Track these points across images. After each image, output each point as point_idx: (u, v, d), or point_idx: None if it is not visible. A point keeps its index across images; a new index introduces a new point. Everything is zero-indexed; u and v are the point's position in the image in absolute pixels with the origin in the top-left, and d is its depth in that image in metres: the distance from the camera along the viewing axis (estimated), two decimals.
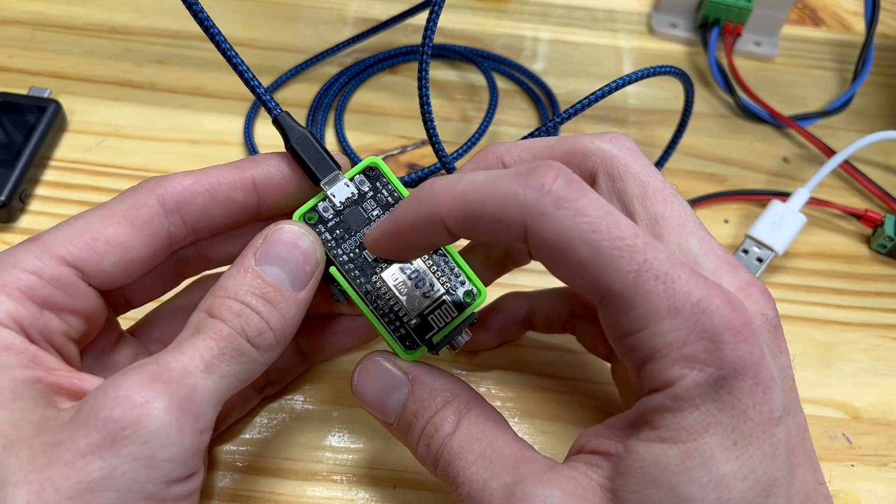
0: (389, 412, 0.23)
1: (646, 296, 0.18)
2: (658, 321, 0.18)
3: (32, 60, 0.42)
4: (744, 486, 0.17)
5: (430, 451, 0.22)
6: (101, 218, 0.21)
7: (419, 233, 0.20)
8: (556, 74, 0.45)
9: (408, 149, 0.40)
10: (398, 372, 0.22)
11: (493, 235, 0.19)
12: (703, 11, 0.47)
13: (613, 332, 0.19)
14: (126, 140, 0.39)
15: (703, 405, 0.17)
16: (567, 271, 0.18)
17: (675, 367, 0.18)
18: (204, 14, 0.25)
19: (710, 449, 0.17)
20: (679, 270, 0.18)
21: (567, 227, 0.18)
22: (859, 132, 0.43)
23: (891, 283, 0.37)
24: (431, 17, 0.28)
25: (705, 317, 0.17)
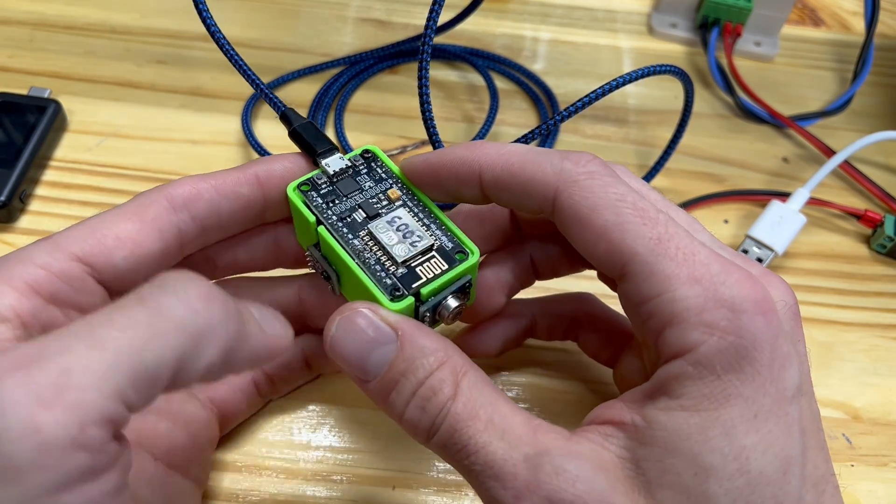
0: (370, 369, 0.20)
1: (667, 262, 0.18)
2: (678, 286, 0.18)
3: (32, 60, 0.42)
4: (764, 461, 0.18)
5: (426, 415, 0.20)
6: (111, 217, 0.21)
7: (453, 175, 0.22)
8: (556, 74, 0.45)
9: (408, 149, 0.40)
10: (385, 326, 0.20)
11: (522, 196, 0.21)
12: (702, 11, 0.47)
13: (634, 299, 0.19)
14: (126, 140, 0.39)
15: (724, 375, 0.18)
16: (591, 237, 0.20)
17: (694, 331, 0.18)
18: (208, 14, 0.25)
19: (731, 420, 0.17)
20: (699, 247, 0.19)
21: (595, 194, 0.20)
22: (859, 132, 0.43)
23: (891, 283, 0.37)
24: (431, 17, 0.28)
25: (725, 287, 0.18)
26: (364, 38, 0.46)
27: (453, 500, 0.28)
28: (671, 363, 0.18)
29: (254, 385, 0.27)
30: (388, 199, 0.24)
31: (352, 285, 0.23)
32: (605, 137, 0.42)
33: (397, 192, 0.24)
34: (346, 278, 0.23)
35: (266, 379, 0.27)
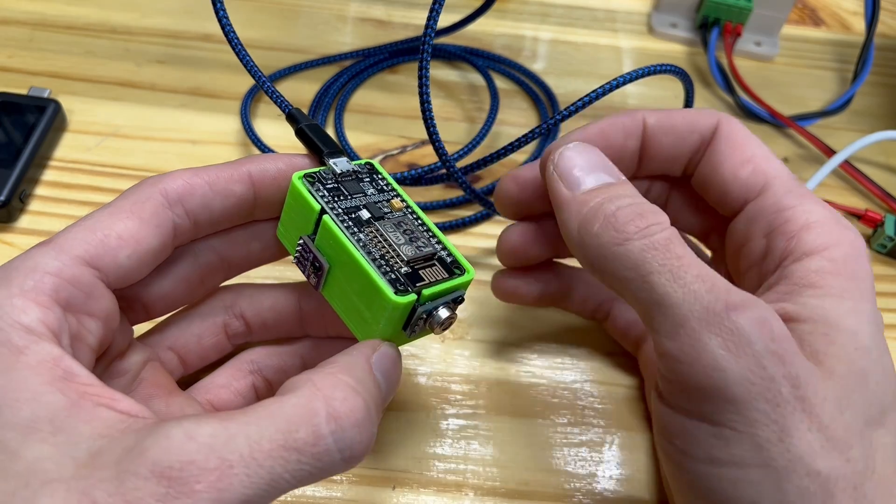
0: (586, 181, 0.23)
1: (800, 186, 0.24)
2: (813, 204, 0.23)
3: (32, 60, 0.42)
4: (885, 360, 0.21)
5: (641, 219, 0.21)
6: (108, 216, 0.21)
7: (620, 128, 0.26)
8: (556, 74, 0.45)
9: (408, 149, 0.40)
10: (613, 166, 0.24)
11: (684, 131, 0.25)
12: (703, 11, 0.47)
13: (770, 209, 0.23)
14: (126, 140, 0.39)
15: (853, 279, 0.22)
16: (740, 159, 0.24)
17: (829, 235, 0.22)
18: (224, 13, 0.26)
19: (868, 315, 0.21)
20: None
21: (746, 132, 0.25)
22: (859, 132, 0.43)
23: (891, 283, 0.37)
24: (431, 16, 0.28)
25: (841, 217, 0.23)
26: (364, 38, 0.46)
27: (453, 501, 0.28)
28: (807, 259, 0.22)
29: (254, 391, 0.27)
30: (391, 207, 0.24)
31: (347, 278, 0.22)
32: None
33: (399, 203, 0.24)
34: (342, 271, 0.22)
35: (265, 383, 0.27)
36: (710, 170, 0.25)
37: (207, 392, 0.26)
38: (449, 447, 0.29)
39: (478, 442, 0.29)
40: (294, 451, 0.17)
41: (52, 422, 0.17)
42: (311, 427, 0.18)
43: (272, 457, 0.17)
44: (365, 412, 0.19)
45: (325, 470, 0.18)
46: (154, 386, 0.24)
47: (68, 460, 0.17)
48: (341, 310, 0.23)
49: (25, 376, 0.18)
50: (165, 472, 0.16)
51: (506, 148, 0.29)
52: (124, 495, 0.16)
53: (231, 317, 0.27)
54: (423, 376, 0.31)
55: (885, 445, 0.20)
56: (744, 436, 0.19)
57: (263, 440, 0.17)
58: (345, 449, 0.18)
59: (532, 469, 0.29)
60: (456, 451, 0.29)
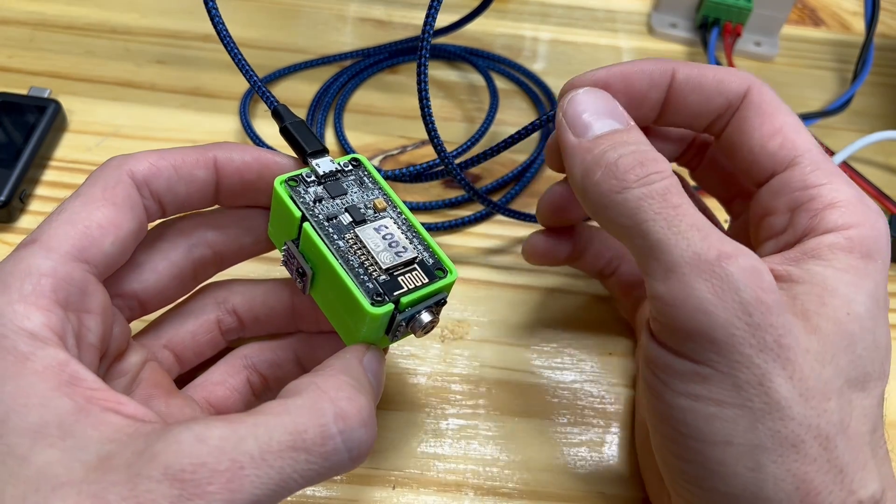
0: (594, 128, 0.23)
1: (829, 163, 0.23)
2: (840, 183, 0.23)
3: (32, 60, 0.42)
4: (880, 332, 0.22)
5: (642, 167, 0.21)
6: (82, 205, 0.21)
7: (647, 78, 0.25)
8: (556, 74, 0.45)
9: (408, 149, 0.40)
10: (623, 112, 0.24)
11: (713, 93, 0.25)
12: (702, 11, 0.47)
13: (796, 185, 0.23)
14: (126, 140, 0.39)
15: (866, 259, 0.22)
16: (769, 129, 0.24)
17: (852, 216, 0.22)
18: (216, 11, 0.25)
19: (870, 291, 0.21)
20: None
21: (777, 100, 0.24)
22: (859, 132, 0.43)
23: (890, 284, 0.37)
24: (431, 13, 0.28)
25: (867, 199, 0.23)
26: (364, 38, 0.46)
27: (453, 501, 0.28)
28: (826, 235, 0.22)
29: (249, 386, 0.27)
30: (374, 207, 0.24)
31: (329, 285, 0.22)
32: None
33: (383, 203, 0.24)
34: (325, 278, 0.23)
35: (261, 380, 0.27)
36: (737, 137, 0.25)
37: (204, 389, 0.26)
38: (449, 447, 0.29)
39: (478, 442, 0.29)
40: (303, 452, 0.18)
41: (60, 426, 0.17)
42: (320, 427, 0.18)
43: (282, 457, 0.17)
44: (369, 411, 0.19)
45: (333, 469, 0.19)
46: (153, 386, 0.24)
47: (77, 464, 0.17)
48: (328, 313, 0.24)
49: (32, 382, 0.18)
50: (178, 475, 0.16)
51: (504, 142, 0.29)
52: (137, 498, 0.16)
53: (224, 313, 0.27)
54: (423, 376, 0.31)
55: (864, 407, 0.21)
56: (724, 376, 0.20)
57: (273, 441, 0.17)
58: (353, 448, 0.19)
59: (532, 469, 0.29)
60: (456, 451, 0.29)
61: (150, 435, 0.17)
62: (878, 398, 0.21)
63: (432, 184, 0.38)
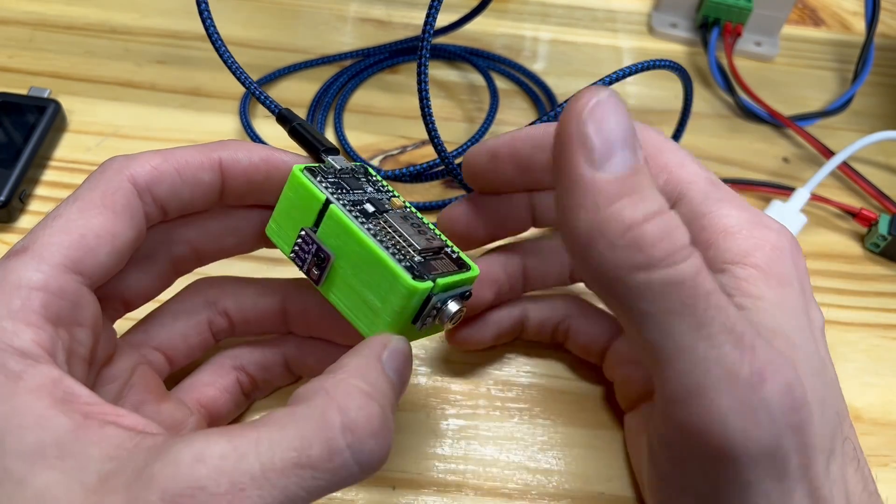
0: (614, 161, 0.17)
1: (719, 190, 0.22)
2: (732, 208, 0.22)
3: (32, 60, 0.42)
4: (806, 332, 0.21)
5: (668, 239, 0.17)
6: (79, 212, 0.20)
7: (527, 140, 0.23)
8: (556, 74, 0.45)
9: (408, 149, 0.40)
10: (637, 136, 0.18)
11: None
12: (703, 11, 0.47)
13: (687, 217, 0.22)
14: (126, 140, 0.39)
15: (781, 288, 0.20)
16: (654, 170, 0.22)
17: (749, 240, 0.21)
18: (208, 14, 0.25)
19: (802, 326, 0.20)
20: None
21: (660, 138, 0.23)
22: (860, 132, 0.43)
23: (890, 283, 0.37)
24: (431, 13, 0.28)
25: (764, 218, 0.22)
26: (364, 38, 0.46)
27: (453, 501, 0.28)
28: (732, 269, 0.20)
29: (239, 386, 0.27)
30: (391, 206, 0.23)
31: (355, 268, 0.21)
32: None
33: (400, 202, 0.24)
34: (349, 261, 0.21)
35: (250, 380, 0.27)
36: None
37: (194, 391, 0.26)
38: (449, 447, 0.29)
39: (478, 442, 0.29)
40: (308, 468, 0.17)
41: (58, 446, 0.17)
42: (326, 441, 0.17)
43: (285, 475, 0.17)
44: (382, 419, 0.18)
45: (342, 483, 0.18)
46: (145, 391, 0.24)
47: (77, 486, 0.16)
48: (345, 305, 0.22)
49: (27, 402, 0.17)
50: (176, 500, 0.16)
51: None
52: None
53: (215, 314, 0.26)
54: (423, 376, 0.31)
55: (837, 476, 0.20)
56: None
57: (276, 458, 0.17)
58: (363, 461, 0.18)
59: (532, 469, 0.29)
60: (456, 451, 0.29)
61: (150, 451, 0.17)
62: (845, 450, 0.20)
63: (432, 184, 0.38)
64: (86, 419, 0.17)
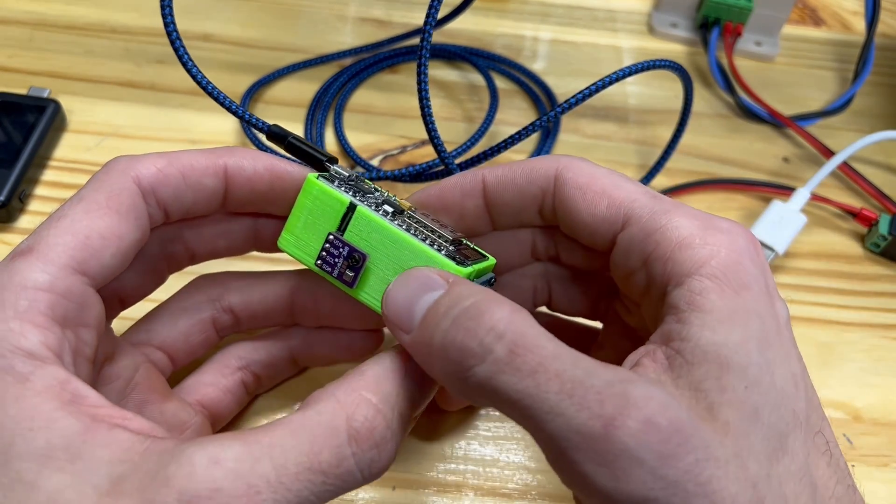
0: (416, 314, 0.20)
1: (663, 204, 0.22)
2: (679, 218, 0.21)
3: (32, 60, 0.42)
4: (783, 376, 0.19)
5: (471, 336, 0.18)
6: (84, 213, 0.20)
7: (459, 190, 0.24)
8: (557, 74, 0.45)
9: (408, 149, 0.40)
10: (438, 276, 0.20)
11: (524, 185, 0.23)
12: (703, 11, 0.47)
13: (638, 237, 0.21)
14: (126, 140, 0.39)
15: (740, 291, 0.19)
16: (592, 197, 0.22)
17: (703, 248, 0.20)
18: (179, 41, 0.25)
19: (758, 335, 0.19)
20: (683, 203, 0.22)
21: (591, 168, 0.23)
22: (860, 132, 0.43)
23: (890, 284, 0.37)
24: (431, 13, 0.28)
25: (717, 221, 0.21)
26: (364, 38, 0.46)
27: (453, 501, 0.28)
28: (687, 281, 0.20)
29: (242, 385, 0.27)
30: (401, 207, 0.23)
31: (396, 262, 0.21)
32: (606, 137, 0.42)
33: (407, 203, 0.24)
34: (387, 259, 0.21)
35: (254, 378, 0.27)
36: (568, 218, 0.23)
37: (196, 392, 0.26)
38: (449, 447, 0.29)
39: (478, 442, 0.29)
40: (320, 474, 0.18)
41: (67, 449, 0.17)
42: (335, 449, 0.18)
43: (299, 480, 0.17)
44: (385, 432, 0.19)
45: (347, 487, 0.19)
46: (148, 391, 0.24)
47: (90, 489, 0.16)
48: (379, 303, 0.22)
49: (35, 404, 0.17)
50: (193, 502, 0.16)
51: (504, 142, 0.29)
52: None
53: (219, 311, 0.26)
54: None
55: (792, 474, 0.18)
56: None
57: (289, 463, 0.17)
58: (364, 469, 0.18)
59: (532, 469, 0.29)
60: (456, 451, 0.29)
61: (162, 455, 0.17)
62: (809, 447, 0.19)
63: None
64: (94, 422, 0.17)
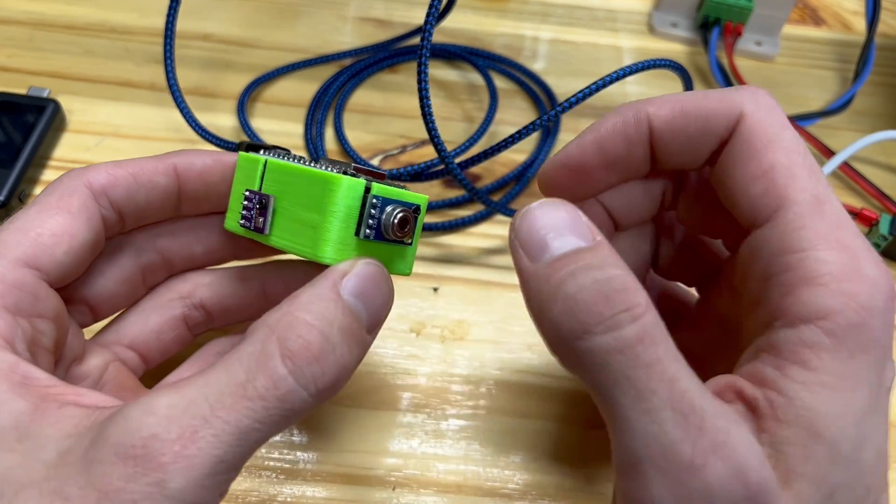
0: (551, 248, 0.18)
1: (820, 220, 0.18)
2: (827, 248, 0.18)
3: (31, 60, 0.42)
4: (869, 451, 0.17)
5: (609, 304, 0.17)
6: (37, 213, 0.21)
7: (622, 137, 0.21)
8: (557, 74, 0.45)
9: (408, 148, 0.40)
10: (587, 226, 0.19)
11: (699, 132, 0.20)
12: (703, 11, 0.46)
13: (773, 247, 0.18)
14: (125, 140, 0.38)
15: (857, 355, 0.17)
16: (754, 171, 0.19)
17: (834, 298, 0.17)
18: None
19: (862, 406, 0.17)
20: (848, 218, 0.18)
21: (774, 130, 0.19)
22: (860, 132, 0.43)
23: None
24: (431, 12, 0.28)
25: (868, 264, 0.18)
26: (364, 38, 0.46)
27: (453, 501, 0.27)
28: (802, 328, 0.17)
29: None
30: None
31: (298, 195, 0.21)
32: None
33: None
34: (292, 192, 0.22)
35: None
36: (722, 175, 0.20)
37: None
38: (449, 447, 0.29)
39: (478, 442, 0.29)
40: (257, 400, 0.17)
41: (16, 429, 0.17)
42: (269, 371, 0.17)
43: (235, 410, 0.17)
44: (323, 344, 0.18)
45: (298, 411, 0.18)
46: (118, 388, 0.24)
47: (38, 464, 0.17)
48: (290, 241, 0.22)
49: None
50: (129, 452, 0.16)
51: (504, 142, 0.29)
52: (94, 485, 0.16)
53: (190, 308, 0.26)
54: (423, 376, 0.31)
55: None
56: None
57: (224, 396, 0.17)
58: (309, 385, 0.18)
59: (532, 470, 0.28)
60: (456, 451, 0.29)
61: (105, 420, 0.17)
62: None
63: (432, 184, 0.38)
64: (44, 401, 0.18)
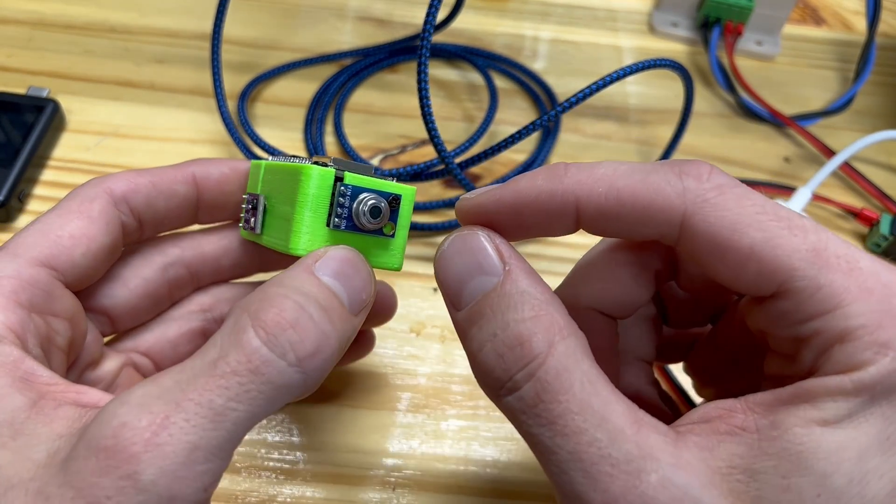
0: (464, 297, 0.18)
1: (831, 273, 0.17)
2: (851, 301, 0.16)
3: (31, 60, 0.42)
4: (879, 485, 0.16)
5: (502, 365, 0.17)
6: (57, 217, 0.21)
7: (541, 211, 0.18)
8: (557, 73, 0.45)
9: (407, 148, 0.40)
10: (496, 256, 0.18)
11: (635, 226, 0.18)
12: (704, 10, 0.46)
13: (794, 318, 0.17)
14: (125, 140, 0.38)
15: (878, 398, 0.16)
16: (736, 260, 0.17)
17: (867, 350, 0.16)
18: None
19: (867, 441, 0.16)
20: (857, 252, 0.17)
21: (733, 211, 0.17)
22: (861, 132, 0.43)
23: None
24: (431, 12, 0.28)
25: (892, 302, 0.16)
26: (364, 38, 0.46)
27: (453, 501, 0.27)
28: (830, 378, 0.16)
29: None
30: None
31: (279, 191, 0.21)
32: (607, 136, 0.42)
33: None
34: (276, 190, 0.22)
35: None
36: (705, 266, 0.18)
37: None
38: (449, 448, 0.29)
39: (478, 442, 0.29)
40: (231, 376, 0.16)
41: (11, 425, 0.17)
42: (240, 345, 0.17)
43: (207, 390, 0.16)
44: (298, 312, 0.17)
45: (281, 385, 0.17)
46: None
47: (28, 463, 0.17)
48: (275, 238, 0.22)
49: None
50: (101, 444, 0.16)
51: (504, 142, 0.29)
52: (70, 482, 0.16)
53: (210, 322, 0.26)
54: (423, 377, 0.31)
55: None
56: None
57: (196, 378, 0.16)
58: (287, 353, 0.17)
59: (532, 470, 0.28)
60: (456, 451, 0.29)
61: (89, 417, 0.17)
62: None
63: (432, 183, 0.38)
64: (42, 398, 0.18)
